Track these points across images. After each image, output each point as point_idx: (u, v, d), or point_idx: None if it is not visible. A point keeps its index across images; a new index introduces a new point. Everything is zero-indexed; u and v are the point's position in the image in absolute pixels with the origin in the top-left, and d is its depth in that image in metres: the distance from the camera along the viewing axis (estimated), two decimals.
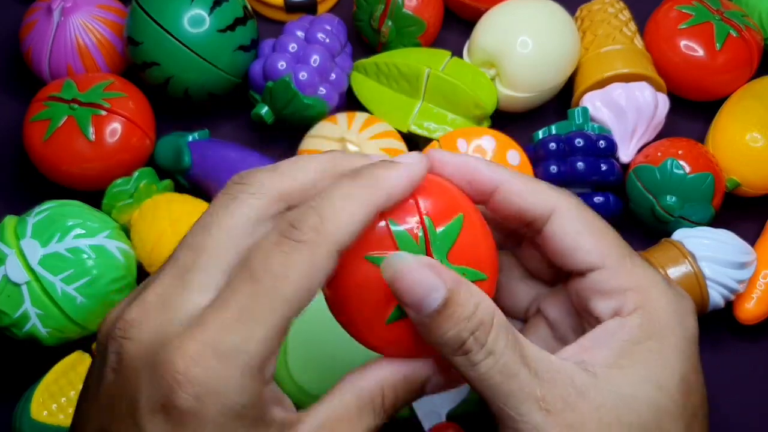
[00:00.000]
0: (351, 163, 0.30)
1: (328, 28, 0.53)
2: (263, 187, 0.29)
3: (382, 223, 0.29)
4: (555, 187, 0.32)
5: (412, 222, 0.29)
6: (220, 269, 0.27)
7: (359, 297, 0.29)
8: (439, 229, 0.29)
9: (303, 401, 0.44)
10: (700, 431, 0.30)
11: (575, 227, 0.31)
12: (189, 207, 0.49)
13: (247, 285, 0.26)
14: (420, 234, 0.29)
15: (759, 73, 0.55)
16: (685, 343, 0.30)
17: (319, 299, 0.41)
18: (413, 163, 0.29)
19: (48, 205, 0.47)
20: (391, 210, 0.29)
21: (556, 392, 0.28)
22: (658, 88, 0.53)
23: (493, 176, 0.31)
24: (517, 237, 0.34)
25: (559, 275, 0.34)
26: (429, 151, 0.32)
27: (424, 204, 0.29)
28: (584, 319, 0.33)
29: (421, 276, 0.27)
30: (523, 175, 0.32)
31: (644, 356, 0.29)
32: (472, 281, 0.29)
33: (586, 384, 0.28)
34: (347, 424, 0.29)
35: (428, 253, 0.29)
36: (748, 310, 0.49)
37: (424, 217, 0.29)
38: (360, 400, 0.29)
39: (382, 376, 0.29)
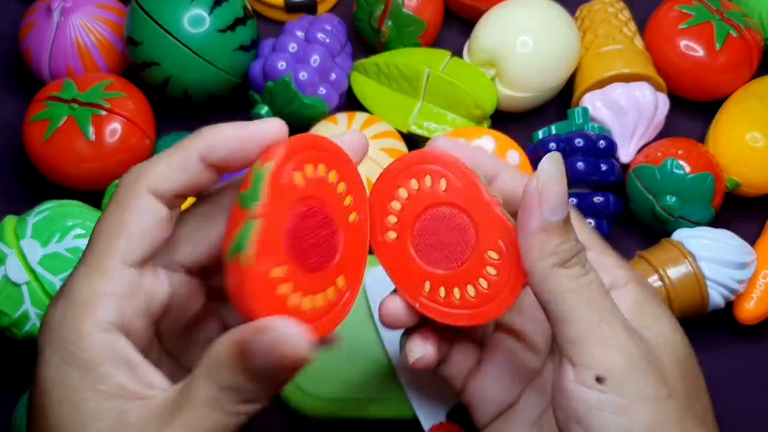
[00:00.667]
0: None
1: (328, 28, 0.53)
2: (139, 180, 0.30)
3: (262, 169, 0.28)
4: None
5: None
6: None
7: (226, 234, 0.28)
8: None
9: (303, 402, 0.44)
10: None
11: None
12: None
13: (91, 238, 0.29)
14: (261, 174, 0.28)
15: (759, 73, 0.55)
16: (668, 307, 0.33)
17: None
18: (253, 123, 0.30)
19: (48, 205, 0.47)
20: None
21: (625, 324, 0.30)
22: (658, 88, 0.53)
23: (496, 163, 0.33)
24: None
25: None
26: (433, 138, 0.33)
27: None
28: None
29: (564, 186, 0.29)
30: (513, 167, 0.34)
31: (657, 312, 0.32)
32: None
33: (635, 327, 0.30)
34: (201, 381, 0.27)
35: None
36: (748, 310, 0.49)
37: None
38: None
39: (228, 338, 0.27)
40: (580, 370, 0.28)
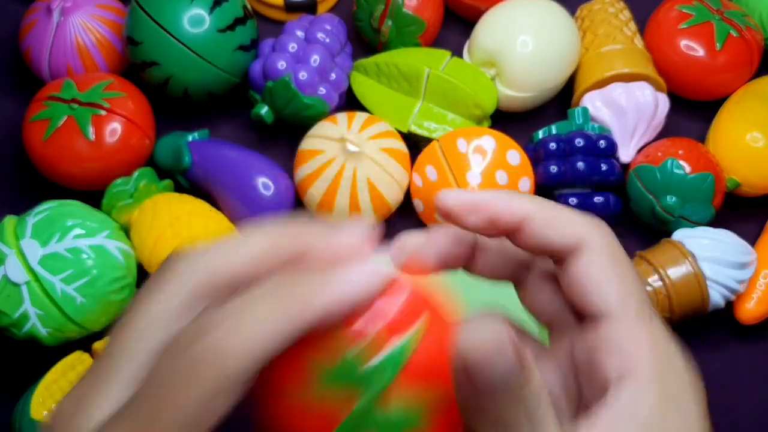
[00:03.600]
0: (305, 241, 0.27)
1: (328, 28, 0.53)
2: (195, 270, 0.26)
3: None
4: (583, 215, 0.29)
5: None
6: (132, 373, 0.26)
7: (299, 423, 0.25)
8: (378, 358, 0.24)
9: None
10: None
11: (602, 266, 0.28)
12: (189, 207, 0.49)
13: (143, 403, 0.24)
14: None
15: (759, 73, 0.55)
16: (701, 408, 0.28)
17: None
18: (372, 273, 0.25)
19: (48, 205, 0.47)
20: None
21: None
22: (658, 88, 0.53)
23: (517, 211, 0.28)
24: (524, 271, 0.31)
25: (553, 323, 0.31)
26: (440, 193, 0.28)
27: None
28: (580, 374, 0.30)
29: (508, 350, 0.24)
30: (548, 204, 0.29)
31: (671, 428, 0.27)
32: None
33: None
34: None
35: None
36: (748, 310, 0.49)
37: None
38: None
39: None
40: None
